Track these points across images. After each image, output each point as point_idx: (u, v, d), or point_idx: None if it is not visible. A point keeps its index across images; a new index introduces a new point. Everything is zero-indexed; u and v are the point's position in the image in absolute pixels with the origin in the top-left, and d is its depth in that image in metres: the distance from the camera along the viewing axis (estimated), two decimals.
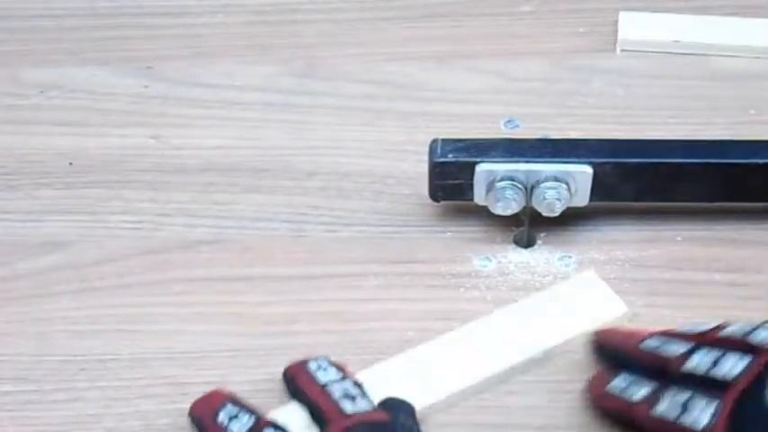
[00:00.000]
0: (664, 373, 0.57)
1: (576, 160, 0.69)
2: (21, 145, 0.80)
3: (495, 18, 0.90)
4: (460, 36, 0.88)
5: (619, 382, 0.59)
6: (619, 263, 0.70)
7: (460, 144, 0.70)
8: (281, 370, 0.63)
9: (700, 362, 0.56)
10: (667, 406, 0.55)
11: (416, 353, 0.65)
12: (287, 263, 0.71)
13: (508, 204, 0.69)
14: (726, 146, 0.71)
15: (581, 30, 0.88)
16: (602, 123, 0.79)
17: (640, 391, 0.57)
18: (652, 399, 0.56)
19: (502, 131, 0.79)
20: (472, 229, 0.72)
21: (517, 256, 0.71)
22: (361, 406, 0.59)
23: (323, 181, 0.76)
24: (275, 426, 0.59)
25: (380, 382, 0.62)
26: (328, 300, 0.69)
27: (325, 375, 0.61)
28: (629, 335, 0.62)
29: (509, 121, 0.80)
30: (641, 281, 0.69)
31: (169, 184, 0.77)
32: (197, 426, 0.60)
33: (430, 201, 0.72)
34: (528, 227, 0.71)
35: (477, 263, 0.70)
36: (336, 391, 0.60)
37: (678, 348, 0.57)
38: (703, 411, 0.53)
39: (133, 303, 0.69)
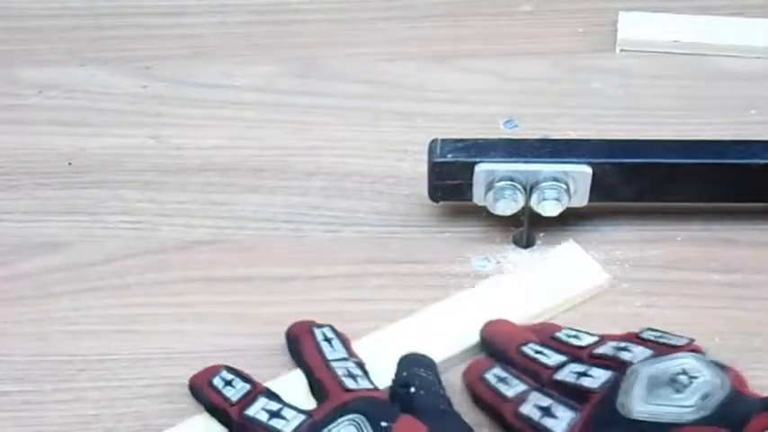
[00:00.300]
0: (536, 378, 0.60)
1: (576, 160, 0.69)
2: (19, 145, 0.80)
3: (495, 18, 0.90)
4: (460, 36, 0.88)
5: (495, 374, 0.61)
6: (618, 263, 0.70)
7: (460, 144, 0.70)
8: (281, 371, 0.63)
9: (569, 374, 0.59)
10: (531, 408, 0.58)
11: (408, 322, 0.66)
12: (286, 263, 0.71)
13: (507, 204, 0.69)
14: (726, 146, 0.71)
15: (581, 30, 0.88)
16: (601, 123, 0.79)
17: (511, 388, 0.60)
18: (519, 399, 0.59)
19: (501, 131, 0.79)
20: (471, 230, 0.72)
21: (516, 256, 0.71)
22: (362, 385, 0.60)
23: (322, 181, 0.76)
24: (269, 393, 0.60)
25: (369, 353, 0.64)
26: (328, 300, 0.68)
27: (332, 352, 0.62)
28: (512, 336, 0.64)
29: (508, 122, 0.80)
30: (641, 281, 0.69)
31: (168, 185, 0.77)
32: (195, 393, 0.62)
33: (429, 201, 0.72)
34: (527, 227, 0.71)
35: (476, 263, 0.70)
36: (340, 369, 0.61)
37: (554, 359, 0.61)
38: (562, 418, 0.57)
39: (132, 303, 0.69)
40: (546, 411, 0.58)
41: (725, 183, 0.70)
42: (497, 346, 0.64)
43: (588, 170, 0.69)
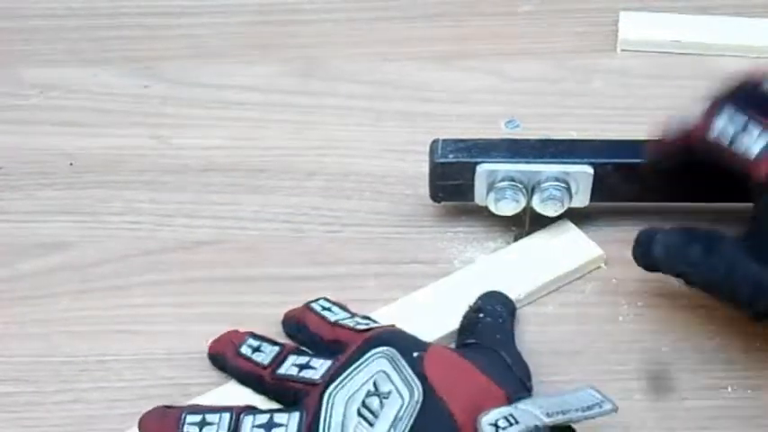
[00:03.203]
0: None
1: (577, 161, 0.69)
2: (21, 145, 0.80)
3: (496, 18, 0.90)
4: (461, 36, 0.88)
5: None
6: (620, 263, 0.70)
7: (461, 144, 0.70)
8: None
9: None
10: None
11: (413, 297, 0.67)
12: (287, 263, 0.71)
13: (509, 205, 0.69)
14: None
15: (581, 30, 0.88)
16: (602, 123, 0.79)
17: (267, 355, 0.61)
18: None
19: (502, 132, 0.79)
20: (473, 230, 0.72)
21: None
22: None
23: (323, 181, 0.76)
24: (299, 350, 0.61)
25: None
26: None
27: (334, 315, 0.63)
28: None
29: (510, 122, 0.80)
30: (642, 281, 0.69)
31: (169, 185, 0.77)
32: (217, 362, 0.63)
33: (430, 201, 0.72)
34: (528, 227, 0.71)
35: None
36: (349, 322, 0.62)
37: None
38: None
39: (133, 304, 0.69)
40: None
41: (728, 183, 0.70)
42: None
43: (590, 170, 0.69)
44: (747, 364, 0.64)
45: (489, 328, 0.62)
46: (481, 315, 0.63)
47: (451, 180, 0.70)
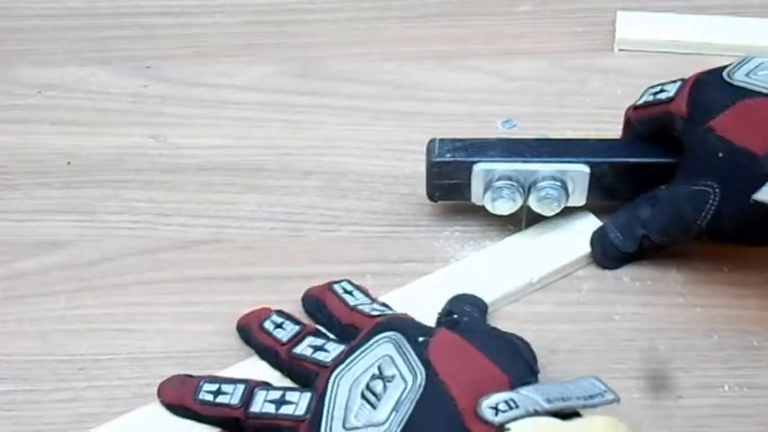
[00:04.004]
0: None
1: (574, 160, 0.69)
2: (19, 144, 0.80)
3: (494, 18, 0.90)
4: (459, 36, 0.88)
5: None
6: None
7: (458, 144, 0.70)
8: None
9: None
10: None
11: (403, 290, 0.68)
12: (285, 262, 0.71)
13: (506, 204, 0.69)
14: None
15: (579, 29, 0.89)
16: (600, 123, 0.79)
17: (288, 333, 0.63)
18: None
19: (500, 131, 0.79)
20: (470, 229, 0.72)
21: None
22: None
23: (321, 180, 0.77)
24: (318, 332, 0.63)
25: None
26: None
27: (355, 300, 0.64)
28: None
29: (507, 121, 0.80)
30: (639, 280, 0.69)
31: (167, 184, 0.77)
32: (243, 334, 0.66)
33: (428, 200, 0.72)
34: (525, 226, 0.71)
35: None
36: (366, 308, 0.63)
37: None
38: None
39: (131, 303, 0.69)
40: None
41: None
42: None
43: (586, 170, 0.69)
44: (744, 363, 0.64)
45: (471, 324, 0.63)
46: (455, 316, 0.63)
47: (448, 179, 0.70)
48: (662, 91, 0.69)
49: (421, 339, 0.57)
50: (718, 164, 0.63)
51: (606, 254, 0.69)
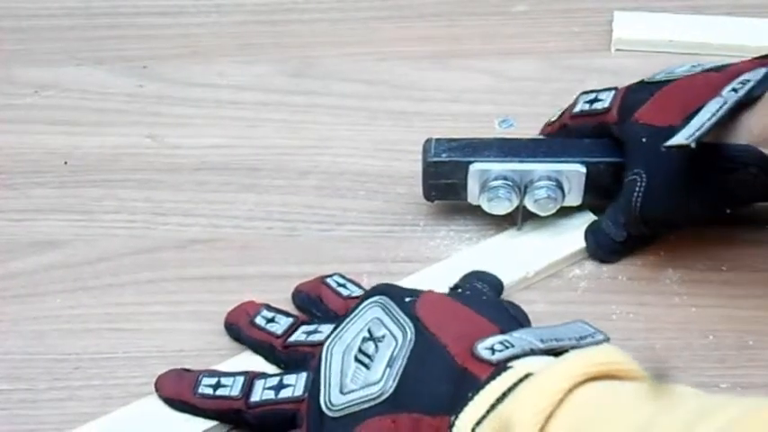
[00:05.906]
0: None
1: (570, 160, 0.69)
2: (15, 144, 0.80)
3: (490, 18, 0.90)
4: (455, 35, 0.88)
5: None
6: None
7: (454, 143, 0.70)
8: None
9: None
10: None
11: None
12: (281, 262, 0.71)
13: (502, 204, 0.69)
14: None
15: (576, 29, 0.89)
16: None
17: (281, 326, 0.63)
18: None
19: (496, 131, 0.79)
20: (466, 228, 0.72)
21: None
22: None
23: (317, 180, 0.77)
24: (311, 322, 0.63)
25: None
26: None
27: (347, 290, 0.65)
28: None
29: (503, 121, 0.80)
30: (636, 280, 0.69)
31: (163, 184, 0.77)
32: (232, 332, 0.66)
33: (424, 200, 0.72)
34: (521, 226, 0.71)
35: None
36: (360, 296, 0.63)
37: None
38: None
39: (127, 302, 0.69)
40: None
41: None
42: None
43: (582, 169, 0.69)
44: (739, 363, 0.64)
45: (476, 293, 0.63)
46: (460, 290, 0.64)
47: (444, 179, 0.70)
48: (597, 100, 0.71)
49: (408, 299, 0.58)
50: (643, 149, 0.66)
51: (600, 244, 0.69)
